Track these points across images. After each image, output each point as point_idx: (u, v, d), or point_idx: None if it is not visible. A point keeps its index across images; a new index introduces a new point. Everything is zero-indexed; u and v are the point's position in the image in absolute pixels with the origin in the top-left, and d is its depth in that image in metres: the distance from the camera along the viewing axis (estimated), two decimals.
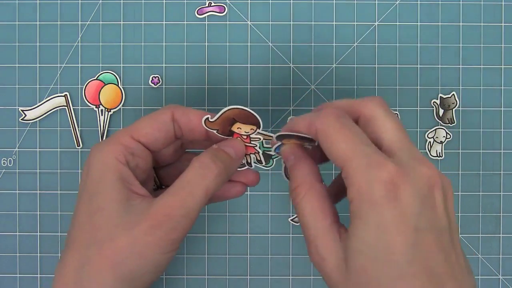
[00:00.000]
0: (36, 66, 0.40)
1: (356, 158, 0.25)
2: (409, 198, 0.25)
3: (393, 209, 0.24)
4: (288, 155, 0.30)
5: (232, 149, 0.31)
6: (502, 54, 0.40)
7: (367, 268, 0.25)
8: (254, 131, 0.32)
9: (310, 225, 0.28)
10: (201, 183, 0.29)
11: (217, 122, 0.31)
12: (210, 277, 0.40)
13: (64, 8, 0.40)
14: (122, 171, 0.30)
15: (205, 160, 0.30)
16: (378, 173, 0.25)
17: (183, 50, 0.40)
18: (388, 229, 0.24)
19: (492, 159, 0.40)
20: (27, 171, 0.40)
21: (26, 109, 0.39)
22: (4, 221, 0.40)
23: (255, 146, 0.32)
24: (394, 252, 0.24)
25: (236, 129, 0.32)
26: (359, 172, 0.25)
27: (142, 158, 0.31)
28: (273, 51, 0.40)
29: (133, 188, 0.30)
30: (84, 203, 0.29)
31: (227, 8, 0.40)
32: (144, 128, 0.31)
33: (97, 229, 0.28)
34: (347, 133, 0.26)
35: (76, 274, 0.28)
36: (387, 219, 0.24)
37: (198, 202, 0.29)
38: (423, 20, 0.40)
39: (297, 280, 0.40)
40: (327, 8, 0.40)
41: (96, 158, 0.30)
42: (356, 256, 0.25)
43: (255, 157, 0.33)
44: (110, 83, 0.39)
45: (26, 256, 0.40)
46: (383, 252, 0.24)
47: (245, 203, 0.40)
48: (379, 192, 0.24)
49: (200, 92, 0.40)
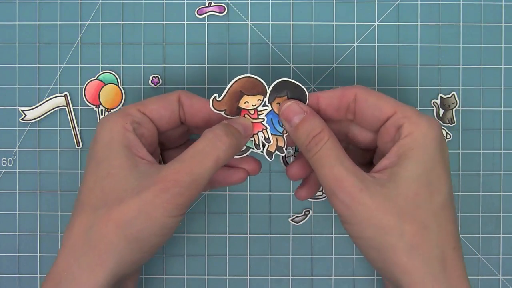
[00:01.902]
0: (36, 66, 0.40)
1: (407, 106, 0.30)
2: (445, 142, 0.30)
3: (440, 148, 0.29)
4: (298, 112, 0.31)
5: (241, 126, 0.32)
6: (502, 54, 0.40)
7: (419, 193, 0.28)
8: (261, 102, 0.32)
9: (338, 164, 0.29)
10: (212, 152, 0.30)
11: (224, 100, 0.32)
12: (210, 277, 0.40)
13: (64, 8, 0.40)
14: (129, 138, 0.31)
15: (218, 131, 0.30)
16: (431, 118, 0.30)
17: (183, 50, 0.40)
18: (439, 163, 0.29)
19: (492, 159, 0.40)
20: (27, 171, 0.40)
21: (26, 109, 0.39)
22: (4, 221, 0.40)
23: (262, 121, 0.32)
24: (442, 182, 0.29)
25: (243, 104, 0.32)
26: (416, 114, 0.30)
27: (147, 129, 0.32)
28: (273, 51, 0.40)
29: (140, 154, 0.31)
30: (92, 169, 0.30)
31: (227, 8, 0.40)
32: (151, 104, 0.32)
33: (105, 193, 0.29)
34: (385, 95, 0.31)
35: (85, 235, 0.29)
36: (438, 154, 0.29)
37: (207, 170, 0.30)
38: (423, 20, 0.40)
39: (297, 280, 0.40)
40: (327, 8, 0.40)
41: (104, 127, 0.31)
42: (410, 183, 0.28)
43: (263, 135, 0.33)
44: (110, 83, 0.39)
45: (26, 256, 0.40)
46: (435, 181, 0.29)
47: (245, 203, 0.40)
48: (437, 130, 0.29)
49: (200, 92, 0.40)
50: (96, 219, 0.29)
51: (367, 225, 0.28)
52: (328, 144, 0.29)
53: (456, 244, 0.29)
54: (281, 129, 0.33)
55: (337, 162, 0.29)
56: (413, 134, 0.29)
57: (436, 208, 0.29)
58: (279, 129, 0.33)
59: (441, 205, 0.29)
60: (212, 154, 0.30)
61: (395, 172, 0.29)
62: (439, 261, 0.28)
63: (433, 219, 0.28)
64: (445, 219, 0.29)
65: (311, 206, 0.40)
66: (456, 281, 0.28)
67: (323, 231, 0.40)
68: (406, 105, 0.30)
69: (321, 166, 0.29)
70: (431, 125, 0.29)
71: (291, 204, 0.40)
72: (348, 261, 0.40)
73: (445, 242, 0.29)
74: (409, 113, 0.30)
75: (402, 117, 0.30)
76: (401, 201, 0.28)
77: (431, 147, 0.29)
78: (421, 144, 0.29)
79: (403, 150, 0.29)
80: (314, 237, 0.40)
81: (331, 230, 0.40)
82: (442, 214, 0.29)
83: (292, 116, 0.31)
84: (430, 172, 0.29)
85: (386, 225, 0.28)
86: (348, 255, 0.40)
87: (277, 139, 0.33)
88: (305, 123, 0.31)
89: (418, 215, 0.28)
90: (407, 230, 0.28)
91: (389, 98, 0.31)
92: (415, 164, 0.29)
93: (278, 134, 0.33)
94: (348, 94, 0.31)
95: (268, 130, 0.33)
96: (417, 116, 0.30)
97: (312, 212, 0.40)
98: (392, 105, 0.30)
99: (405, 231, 0.28)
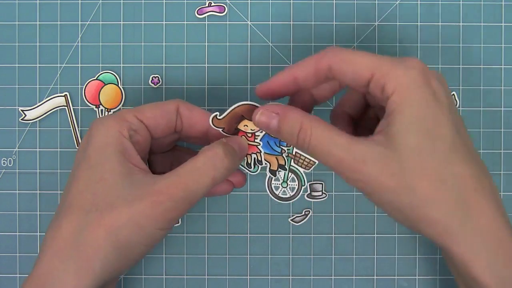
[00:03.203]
0: (36, 66, 0.40)
1: (383, 61, 0.28)
2: (435, 81, 0.28)
3: (430, 90, 0.28)
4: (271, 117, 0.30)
5: (238, 146, 0.32)
6: (502, 54, 0.40)
7: (420, 145, 0.27)
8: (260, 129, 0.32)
9: (333, 146, 0.28)
10: (210, 172, 0.30)
11: (225, 119, 0.32)
12: (210, 277, 0.40)
13: (64, 8, 0.40)
14: (124, 145, 0.31)
15: (219, 151, 0.30)
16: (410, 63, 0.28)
17: (183, 50, 0.40)
18: (433, 108, 0.27)
19: (492, 159, 0.40)
20: (27, 171, 0.40)
21: (26, 109, 0.39)
22: (4, 221, 0.40)
23: (258, 145, 0.33)
24: (442, 126, 0.27)
25: (242, 126, 0.33)
26: (394, 67, 0.28)
27: (142, 137, 0.32)
28: (273, 51, 0.40)
29: (134, 161, 0.31)
30: (84, 171, 0.30)
31: (227, 8, 0.40)
32: (149, 111, 0.32)
33: (97, 197, 0.29)
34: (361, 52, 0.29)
35: (73, 238, 0.28)
36: (429, 98, 0.27)
37: (202, 189, 0.30)
38: (423, 20, 0.40)
39: (297, 280, 0.40)
40: (327, 8, 0.40)
41: (99, 130, 0.31)
42: (407, 136, 0.27)
43: (256, 157, 0.33)
44: (110, 83, 0.40)
45: (26, 256, 0.40)
46: (434, 127, 0.27)
47: (245, 203, 0.40)
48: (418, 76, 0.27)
49: (200, 92, 0.40)
50: (86, 223, 0.28)
51: (380, 191, 0.28)
52: (314, 135, 0.29)
53: (478, 184, 0.27)
54: (279, 149, 0.33)
55: (330, 146, 0.28)
56: (397, 90, 0.27)
57: (444, 153, 0.27)
58: (277, 149, 0.33)
59: (449, 147, 0.27)
60: (210, 173, 0.30)
61: (391, 131, 0.27)
62: (460, 208, 0.27)
63: (443, 166, 0.27)
64: (457, 161, 0.27)
65: (311, 206, 0.40)
66: (486, 223, 0.27)
67: (323, 231, 0.40)
68: (382, 59, 0.28)
69: (318, 155, 0.29)
70: (411, 73, 0.27)
71: (291, 204, 0.40)
72: (348, 261, 0.40)
73: (463, 186, 0.27)
74: (386, 69, 0.28)
75: (381, 77, 0.28)
76: (402, 158, 0.27)
77: (417, 95, 0.27)
78: (406, 97, 0.27)
79: (393, 108, 0.28)
80: (314, 237, 0.40)
81: (331, 230, 0.40)
82: (452, 157, 0.27)
83: (268, 123, 0.31)
84: (425, 120, 0.27)
85: (396, 187, 0.27)
86: (348, 255, 0.40)
87: (277, 158, 0.34)
88: (282, 125, 0.30)
89: (424, 168, 0.27)
90: (417, 186, 0.27)
91: (364, 57, 0.29)
92: (406, 118, 0.27)
93: (277, 154, 0.33)
94: (322, 65, 0.29)
95: (261, 154, 0.33)
96: (395, 69, 0.28)
97: (312, 212, 0.40)
98: (368, 66, 0.28)
99: (415, 187, 0.27)
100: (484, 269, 0.27)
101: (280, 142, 0.33)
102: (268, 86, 0.31)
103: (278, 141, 0.33)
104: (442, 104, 0.28)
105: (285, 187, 0.36)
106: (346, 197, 0.40)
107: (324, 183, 0.39)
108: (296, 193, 0.36)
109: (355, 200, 0.40)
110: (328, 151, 0.28)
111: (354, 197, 0.40)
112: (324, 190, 0.39)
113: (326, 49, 0.30)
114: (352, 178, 0.28)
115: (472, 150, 0.29)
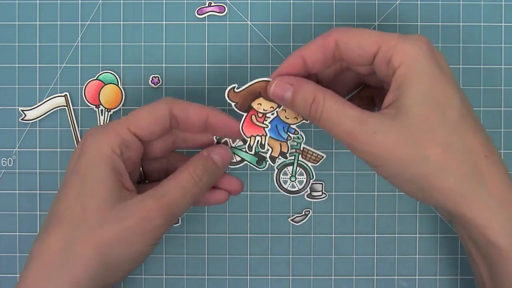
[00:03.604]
0: (36, 66, 0.40)
1: (389, 35, 0.29)
2: (439, 54, 0.29)
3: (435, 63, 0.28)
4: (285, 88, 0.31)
5: (220, 157, 0.33)
6: (502, 54, 0.40)
7: (429, 115, 0.28)
8: (274, 110, 0.32)
9: (344, 118, 0.29)
10: (193, 190, 0.31)
11: (241, 93, 0.32)
12: (210, 277, 0.40)
13: (64, 8, 0.40)
14: (116, 163, 0.31)
15: (198, 171, 0.31)
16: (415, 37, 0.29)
17: (183, 50, 0.40)
18: (439, 79, 0.28)
19: None
20: (27, 171, 0.40)
21: (26, 109, 0.39)
22: (4, 221, 0.40)
23: (265, 128, 0.33)
24: (450, 96, 0.28)
25: (256, 105, 0.32)
26: (400, 40, 0.28)
27: (135, 152, 0.32)
28: (273, 51, 0.40)
29: (123, 181, 0.31)
30: (75, 184, 0.30)
31: (227, 8, 0.40)
32: (142, 121, 0.32)
33: (88, 213, 0.29)
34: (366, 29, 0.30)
35: (61, 253, 0.28)
36: (435, 70, 0.28)
37: (186, 205, 0.31)
38: (423, 20, 0.40)
39: (297, 280, 0.40)
40: (327, 8, 0.40)
41: (92, 144, 0.31)
42: (417, 108, 0.28)
43: (260, 140, 0.33)
44: (110, 83, 0.39)
45: (26, 256, 0.39)
46: (442, 97, 0.28)
47: (245, 203, 0.40)
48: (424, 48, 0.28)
49: (200, 92, 0.40)
50: (75, 238, 0.29)
51: (392, 163, 0.28)
52: (326, 106, 0.29)
53: (488, 152, 0.28)
54: (285, 136, 0.33)
55: (342, 118, 0.29)
56: (404, 62, 0.28)
57: (453, 123, 0.28)
58: (283, 135, 0.33)
59: (457, 117, 0.28)
60: (192, 191, 0.31)
61: (401, 104, 0.28)
62: (472, 174, 0.28)
63: (454, 135, 0.28)
64: (466, 130, 0.28)
65: (311, 206, 0.40)
66: (498, 188, 0.28)
67: (323, 231, 0.40)
68: (388, 34, 0.29)
69: (330, 127, 0.29)
70: (418, 46, 0.28)
71: (291, 204, 0.40)
72: (348, 261, 0.40)
73: (473, 153, 0.28)
74: (393, 42, 0.28)
75: (387, 50, 0.29)
76: (414, 129, 0.28)
77: (425, 67, 0.28)
78: (414, 69, 0.28)
79: (400, 81, 0.28)
80: (314, 237, 0.40)
81: (331, 230, 0.40)
82: (461, 126, 0.28)
83: (282, 94, 0.31)
84: (434, 91, 0.28)
85: (409, 157, 0.28)
86: (348, 255, 0.40)
87: (281, 144, 0.33)
88: (296, 96, 0.30)
89: (436, 137, 0.28)
90: (430, 155, 0.27)
91: (370, 32, 0.30)
92: (416, 90, 0.28)
93: (282, 140, 0.33)
94: (329, 43, 0.30)
95: (266, 137, 0.33)
96: (402, 42, 0.28)
97: (312, 212, 0.40)
98: (374, 40, 0.29)
99: (428, 156, 0.27)
100: (499, 232, 0.28)
101: (289, 128, 0.33)
102: (279, 72, 0.32)
103: (287, 127, 0.33)
104: (448, 77, 0.29)
105: (294, 181, 0.36)
106: (346, 197, 0.40)
107: (324, 183, 0.39)
108: (304, 186, 0.37)
109: (355, 200, 0.40)
110: (339, 122, 0.29)
111: (354, 197, 0.40)
112: (324, 190, 0.39)
113: (332, 28, 0.30)
114: (363, 150, 0.28)
115: (478, 121, 0.30)
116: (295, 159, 0.34)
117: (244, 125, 0.33)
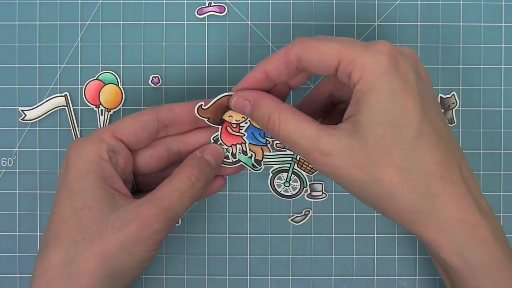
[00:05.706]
0: (36, 66, 0.40)
1: (350, 47, 0.27)
2: (405, 65, 0.27)
3: (397, 77, 0.27)
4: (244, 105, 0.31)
5: (212, 157, 0.33)
6: (502, 54, 0.40)
7: (385, 136, 0.27)
8: (245, 119, 0.33)
9: (301, 138, 0.28)
10: (189, 191, 0.31)
11: (210, 109, 0.33)
12: (210, 277, 0.40)
13: (64, 8, 0.40)
14: (105, 169, 0.30)
15: (195, 172, 0.31)
16: (377, 47, 0.27)
17: (183, 50, 0.40)
18: (399, 95, 0.27)
19: (492, 159, 0.40)
20: (27, 171, 0.40)
21: (26, 109, 0.39)
22: (4, 221, 0.40)
23: (243, 136, 0.33)
24: (408, 114, 0.27)
25: (227, 117, 0.33)
26: (360, 53, 0.27)
27: (122, 157, 0.32)
28: (273, 51, 0.40)
29: (116, 186, 0.31)
30: (67, 199, 0.30)
31: (227, 8, 0.40)
32: (127, 127, 0.32)
33: (85, 226, 0.29)
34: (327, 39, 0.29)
35: (64, 269, 0.28)
36: (396, 86, 0.27)
37: (184, 208, 0.31)
38: (423, 20, 0.40)
39: (297, 280, 0.40)
40: (327, 8, 0.40)
41: (78, 154, 0.30)
42: (373, 128, 0.27)
43: (241, 147, 0.34)
44: (110, 83, 0.40)
45: (26, 256, 0.40)
46: (400, 116, 0.27)
47: (245, 203, 0.40)
48: (385, 62, 0.27)
49: (200, 92, 0.40)
50: (75, 253, 0.28)
51: (349, 183, 0.28)
52: (282, 126, 0.29)
53: (445, 171, 0.27)
54: (264, 140, 0.34)
55: (298, 138, 0.28)
56: (362, 78, 0.27)
57: (410, 142, 0.27)
58: (261, 140, 0.34)
59: (415, 136, 0.27)
60: (189, 193, 0.31)
61: (358, 121, 0.27)
62: (426, 196, 0.27)
63: (409, 156, 0.27)
64: (424, 150, 0.27)
65: (311, 206, 0.40)
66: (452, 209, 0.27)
67: (323, 231, 0.40)
68: (349, 46, 0.27)
69: (289, 146, 0.29)
70: (377, 60, 0.26)
71: (291, 204, 0.40)
72: (348, 261, 0.40)
73: (428, 174, 0.27)
74: (352, 56, 0.27)
75: (347, 65, 0.27)
76: (369, 150, 0.27)
77: (384, 84, 0.26)
78: (371, 86, 0.26)
79: (359, 97, 0.27)
80: (314, 237, 0.40)
81: (331, 230, 0.40)
82: (419, 146, 0.27)
83: (242, 110, 0.31)
84: (391, 110, 0.26)
85: (363, 178, 0.27)
86: (348, 255, 0.40)
87: (262, 148, 0.34)
88: (254, 113, 0.31)
89: (390, 159, 0.27)
90: (383, 179, 0.27)
91: (331, 45, 0.28)
92: (372, 108, 0.27)
93: (261, 144, 0.34)
94: (290, 57, 0.29)
95: (246, 144, 0.34)
96: (362, 55, 0.27)
97: (312, 212, 0.40)
98: (335, 54, 0.27)
99: (382, 180, 0.27)
100: (452, 253, 0.28)
101: (265, 134, 0.33)
102: (241, 86, 0.32)
103: (263, 132, 0.33)
104: (409, 89, 0.27)
105: (288, 186, 0.36)
106: (346, 197, 0.40)
107: (324, 183, 0.39)
108: (297, 192, 0.36)
109: (355, 200, 0.40)
110: (295, 142, 0.29)
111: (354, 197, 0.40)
112: (324, 190, 0.39)
113: (294, 40, 0.30)
114: (320, 169, 0.29)
115: (443, 134, 0.28)
116: (290, 167, 0.35)
117: (222, 136, 0.34)
